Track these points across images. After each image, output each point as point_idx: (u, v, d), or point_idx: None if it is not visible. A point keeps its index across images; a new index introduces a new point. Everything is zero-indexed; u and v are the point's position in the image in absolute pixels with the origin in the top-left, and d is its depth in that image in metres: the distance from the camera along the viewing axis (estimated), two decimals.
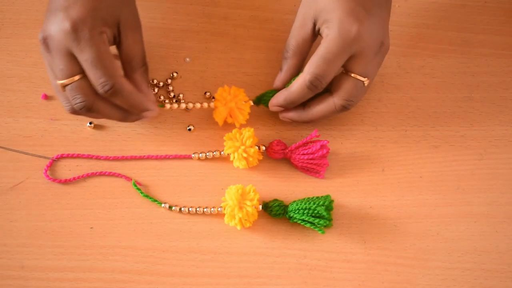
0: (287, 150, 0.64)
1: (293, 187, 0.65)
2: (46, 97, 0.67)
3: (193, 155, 0.65)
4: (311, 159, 0.63)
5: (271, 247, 0.62)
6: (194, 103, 0.66)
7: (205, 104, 0.66)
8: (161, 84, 0.69)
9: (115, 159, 0.65)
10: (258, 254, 0.62)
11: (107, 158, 0.65)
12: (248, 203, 0.60)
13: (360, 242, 0.63)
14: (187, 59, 0.70)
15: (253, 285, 0.61)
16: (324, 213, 0.60)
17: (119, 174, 0.64)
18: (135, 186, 0.63)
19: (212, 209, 0.62)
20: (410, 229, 0.63)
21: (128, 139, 0.66)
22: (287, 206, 0.62)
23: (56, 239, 0.61)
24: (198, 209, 0.63)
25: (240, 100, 0.65)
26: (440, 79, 0.70)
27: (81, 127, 0.66)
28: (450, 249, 0.63)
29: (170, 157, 0.65)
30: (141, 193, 0.63)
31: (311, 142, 0.64)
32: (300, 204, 0.61)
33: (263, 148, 0.65)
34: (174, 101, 0.68)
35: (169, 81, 0.69)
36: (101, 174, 0.64)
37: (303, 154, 0.63)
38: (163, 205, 0.63)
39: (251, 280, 0.61)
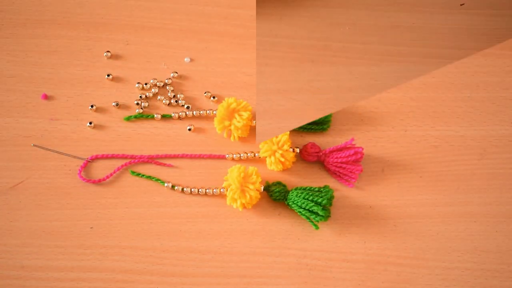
0: (321, 153, 0.64)
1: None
2: (46, 97, 0.67)
3: (227, 156, 0.65)
4: (344, 162, 0.63)
5: (271, 247, 0.62)
6: (199, 112, 0.66)
7: (210, 112, 0.66)
8: (161, 84, 0.69)
9: (151, 157, 0.65)
10: (258, 254, 0.62)
11: (140, 158, 0.65)
12: (251, 186, 0.61)
13: (360, 242, 0.62)
14: (187, 59, 0.70)
15: (253, 285, 0.61)
16: (322, 206, 0.60)
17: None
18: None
19: (214, 190, 0.63)
20: (410, 229, 0.63)
21: (129, 139, 0.66)
22: (288, 192, 0.62)
23: (56, 239, 0.61)
24: (200, 190, 0.63)
25: (244, 119, 0.64)
26: (440, 79, 0.70)
27: (81, 127, 0.66)
28: (450, 249, 0.63)
29: (205, 156, 0.65)
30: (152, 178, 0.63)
31: (346, 148, 0.64)
32: (301, 194, 0.61)
33: (297, 150, 0.65)
34: (174, 101, 0.68)
35: (169, 81, 0.69)
36: (136, 162, 0.64)
37: (337, 157, 0.63)
38: (165, 184, 0.63)
39: (251, 280, 0.61)
